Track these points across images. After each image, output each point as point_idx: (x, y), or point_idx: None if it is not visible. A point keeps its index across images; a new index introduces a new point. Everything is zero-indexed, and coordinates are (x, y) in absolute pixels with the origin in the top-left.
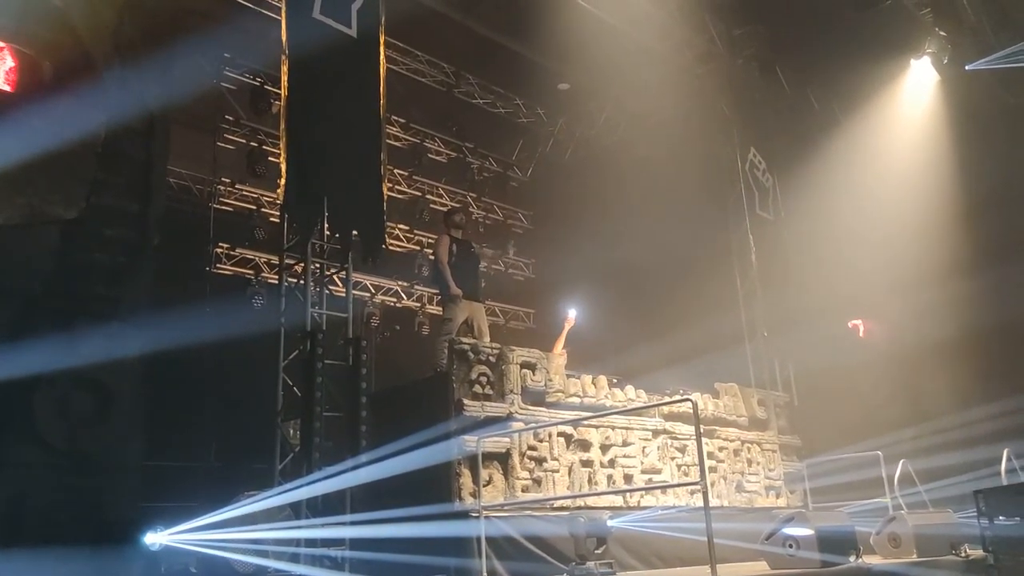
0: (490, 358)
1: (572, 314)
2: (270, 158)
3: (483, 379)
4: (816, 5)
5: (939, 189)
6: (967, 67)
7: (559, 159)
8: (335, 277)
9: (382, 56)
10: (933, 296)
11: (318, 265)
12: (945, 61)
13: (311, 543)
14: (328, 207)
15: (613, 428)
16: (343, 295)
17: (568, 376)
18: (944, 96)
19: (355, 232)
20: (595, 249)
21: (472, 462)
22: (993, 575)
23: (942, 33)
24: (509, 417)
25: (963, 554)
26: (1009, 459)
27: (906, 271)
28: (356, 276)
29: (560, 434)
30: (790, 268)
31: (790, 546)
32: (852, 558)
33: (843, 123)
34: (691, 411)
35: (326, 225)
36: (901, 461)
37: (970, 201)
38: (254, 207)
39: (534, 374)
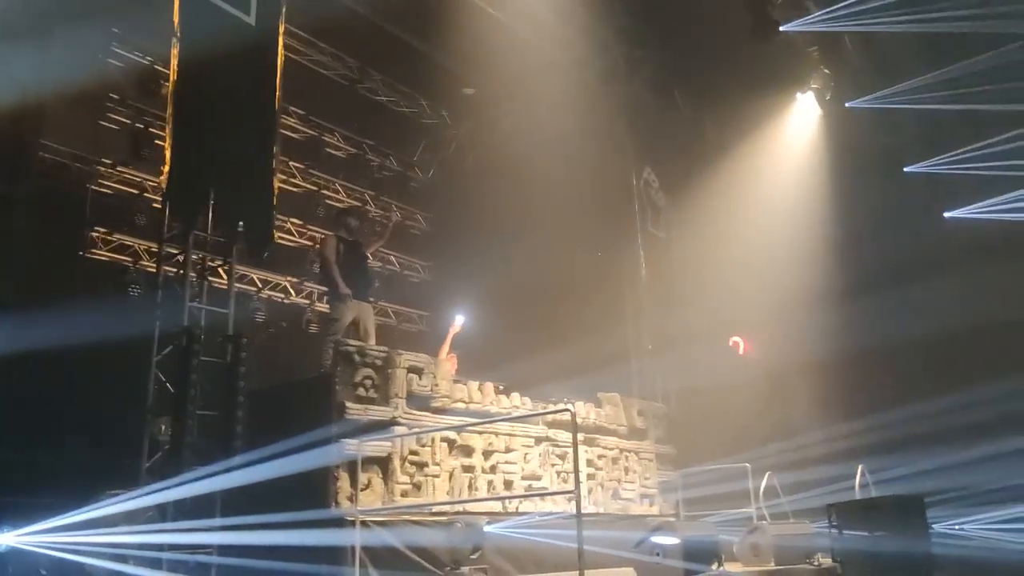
0: (376, 361)
1: (459, 320)
2: (156, 141)
3: (368, 382)
4: (714, 34)
5: (818, 219)
6: (847, 104)
7: (461, 163)
8: (219, 270)
9: (280, 46)
10: (806, 320)
11: (200, 256)
12: (828, 97)
13: (176, 548)
14: (214, 196)
15: (497, 435)
16: (225, 289)
17: (455, 382)
18: (825, 130)
19: (241, 224)
20: (491, 256)
21: (351, 466)
22: None
23: (826, 71)
24: (393, 422)
25: (816, 563)
26: (863, 475)
27: (783, 295)
28: (242, 270)
29: (444, 439)
30: (678, 285)
31: (657, 554)
32: (714, 566)
33: (734, 149)
34: (572, 420)
35: (211, 215)
36: (767, 474)
37: (845, 232)
38: (136, 191)
39: (421, 379)
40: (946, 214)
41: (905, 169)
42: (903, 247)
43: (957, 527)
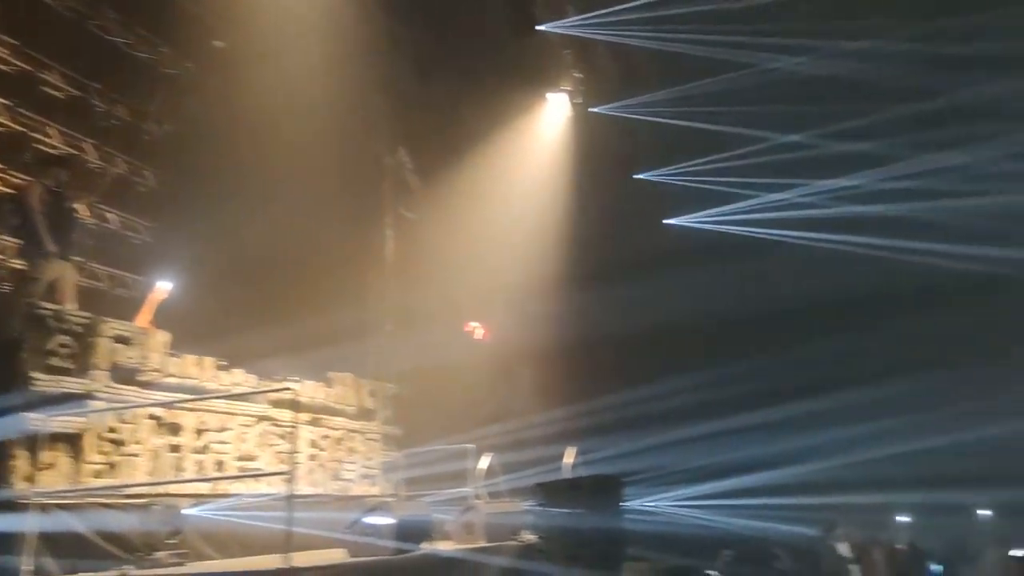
0: (75, 328)
1: (165, 286)
2: None
3: (63, 351)
4: (476, 23)
5: (556, 214)
6: (590, 109)
7: (202, 121)
8: None
9: None
10: (534, 309)
11: None
12: (578, 100)
13: None
14: None
15: (213, 412)
16: None
17: (169, 355)
18: (572, 131)
19: None
20: (225, 222)
21: (31, 443)
22: (541, 558)
23: (577, 75)
24: (88, 395)
25: (521, 539)
26: (574, 455)
27: (519, 282)
28: None
29: (150, 416)
30: (423, 268)
31: (370, 534)
32: (423, 545)
33: (488, 139)
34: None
35: None
36: (488, 454)
37: (578, 229)
38: None
39: (129, 350)
40: (665, 221)
41: (634, 176)
42: (627, 247)
43: (649, 504)
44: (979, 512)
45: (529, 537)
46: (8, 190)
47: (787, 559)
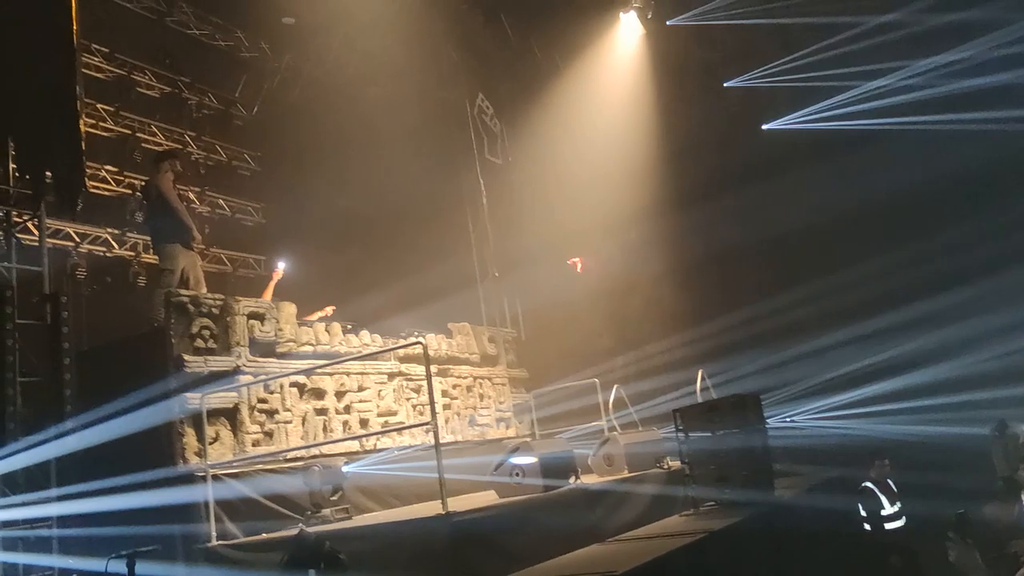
0: (213, 310)
1: (280, 266)
2: None
3: (206, 332)
4: None
5: (645, 135)
6: (668, 22)
7: (287, 97)
8: (29, 225)
9: None
10: (639, 234)
11: (3, 212)
12: (649, 16)
13: (9, 524)
14: (14, 146)
15: (348, 374)
16: (37, 246)
17: (300, 325)
18: (649, 48)
19: (49, 174)
20: (327, 192)
21: (196, 421)
22: (688, 483)
23: None
24: (236, 371)
25: (666, 466)
26: (703, 379)
27: (617, 211)
28: (55, 224)
29: (293, 384)
30: (518, 210)
31: (516, 474)
32: (571, 480)
33: (563, 72)
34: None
35: (12, 166)
36: (615, 386)
37: (671, 146)
38: None
39: (263, 324)
40: (764, 126)
41: (725, 84)
42: (726, 159)
43: (789, 419)
44: None
45: (673, 463)
46: (124, 191)
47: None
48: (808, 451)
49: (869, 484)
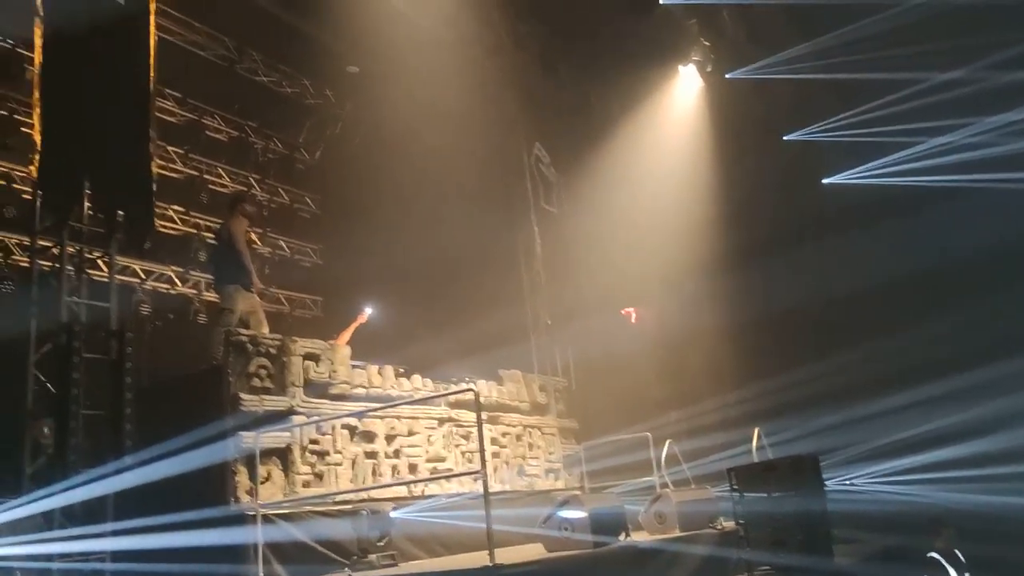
0: (270, 350)
1: (367, 311)
2: (23, 128)
3: (262, 372)
4: (595, 8)
5: (703, 188)
6: (727, 75)
7: (348, 143)
8: (99, 262)
9: (152, 26)
10: (696, 288)
11: (76, 249)
12: (708, 69)
13: (66, 557)
14: (90, 185)
15: (399, 418)
16: (106, 282)
17: (354, 367)
18: (707, 102)
19: (120, 213)
20: (384, 236)
21: (249, 460)
22: (742, 546)
23: (706, 43)
24: (290, 411)
25: (719, 527)
26: (759, 438)
27: (673, 263)
28: (123, 261)
29: (344, 426)
30: (572, 259)
31: (565, 528)
32: (621, 537)
33: (620, 122)
34: (475, 399)
35: (87, 205)
36: (667, 442)
37: (729, 201)
38: (3, 182)
39: (318, 366)
40: (824, 180)
41: (784, 138)
42: (784, 214)
43: (849, 482)
44: None
45: (728, 524)
46: (189, 230)
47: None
48: (868, 517)
49: (936, 555)
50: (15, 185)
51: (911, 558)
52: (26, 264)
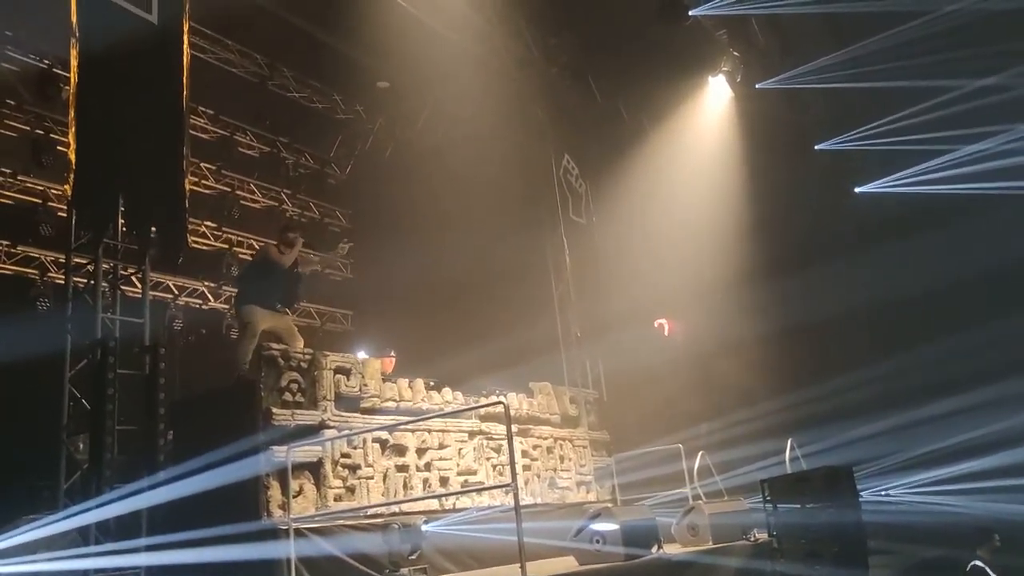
0: (302, 364)
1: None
2: (59, 147)
3: (294, 386)
4: (624, 20)
5: (734, 199)
6: (757, 86)
7: (379, 158)
8: (133, 278)
9: (186, 44)
10: (727, 299)
11: (111, 265)
12: (738, 79)
13: (102, 573)
14: (123, 202)
15: (430, 431)
16: (140, 298)
17: (384, 380)
18: (737, 112)
19: (153, 229)
20: (413, 249)
21: (281, 474)
22: (776, 557)
23: (735, 53)
24: (322, 425)
25: (752, 539)
26: (792, 448)
27: (705, 274)
28: (157, 277)
29: (375, 440)
30: (602, 271)
31: (597, 541)
32: (654, 549)
33: (650, 133)
34: (504, 412)
35: (120, 222)
36: (699, 453)
37: (761, 211)
38: (39, 201)
39: (349, 380)
40: (857, 189)
41: (816, 147)
42: (817, 224)
43: (884, 493)
44: None
45: (761, 535)
46: (222, 246)
47: None
48: (905, 528)
49: (979, 563)
50: (51, 203)
51: (949, 570)
52: (61, 281)
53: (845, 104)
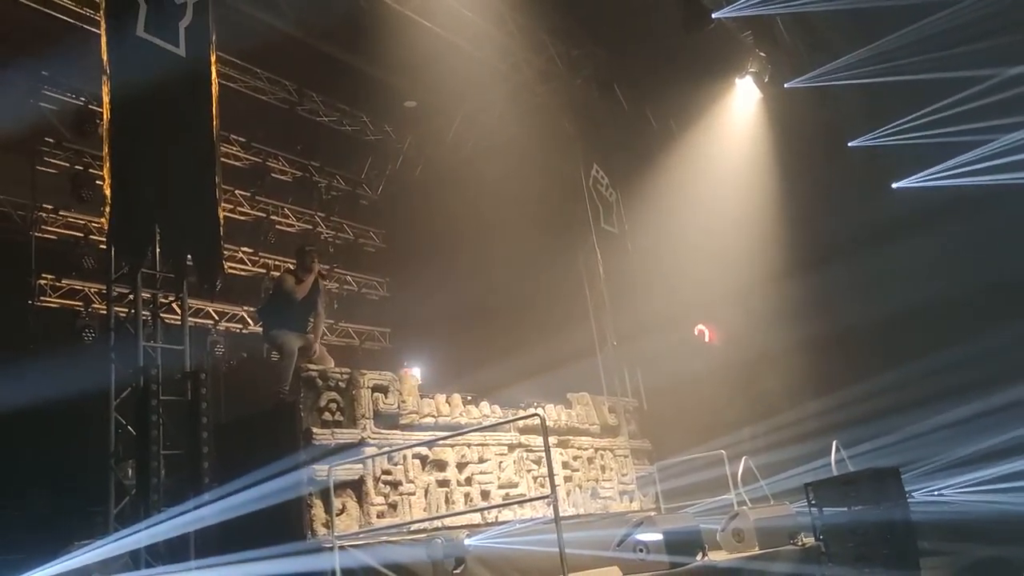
0: (340, 383)
1: (416, 372)
2: (97, 182)
3: (333, 405)
4: (648, 28)
5: (768, 200)
6: (786, 85)
7: (409, 176)
8: (172, 306)
9: (214, 75)
10: (765, 301)
11: (150, 295)
12: (766, 80)
13: None
14: (159, 232)
15: (469, 445)
16: (179, 325)
17: (422, 396)
18: (767, 113)
19: (190, 257)
20: (448, 265)
21: (324, 493)
22: (824, 562)
23: (762, 54)
24: (362, 443)
25: (799, 543)
26: (837, 451)
27: (741, 278)
28: (197, 303)
29: (415, 456)
30: (636, 278)
31: (640, 550)
32: (698, 557)
33: (679, 139)
34: (541, 424)
35: (158, 251)
36: (743, 458)
37: (796, 211)
38: (81, 235)
39: (386, 397)
40: (894, 184)
41: (849, 144)
42: (855, 221)
43: (935, 493)
44: None
45: (808, 539)
46: (259, 271)
47: None
48: (959, 528)
49: None
50: (92, 236)
51: (1004, 570)
52: (104, 312)
53: (877, 99)
